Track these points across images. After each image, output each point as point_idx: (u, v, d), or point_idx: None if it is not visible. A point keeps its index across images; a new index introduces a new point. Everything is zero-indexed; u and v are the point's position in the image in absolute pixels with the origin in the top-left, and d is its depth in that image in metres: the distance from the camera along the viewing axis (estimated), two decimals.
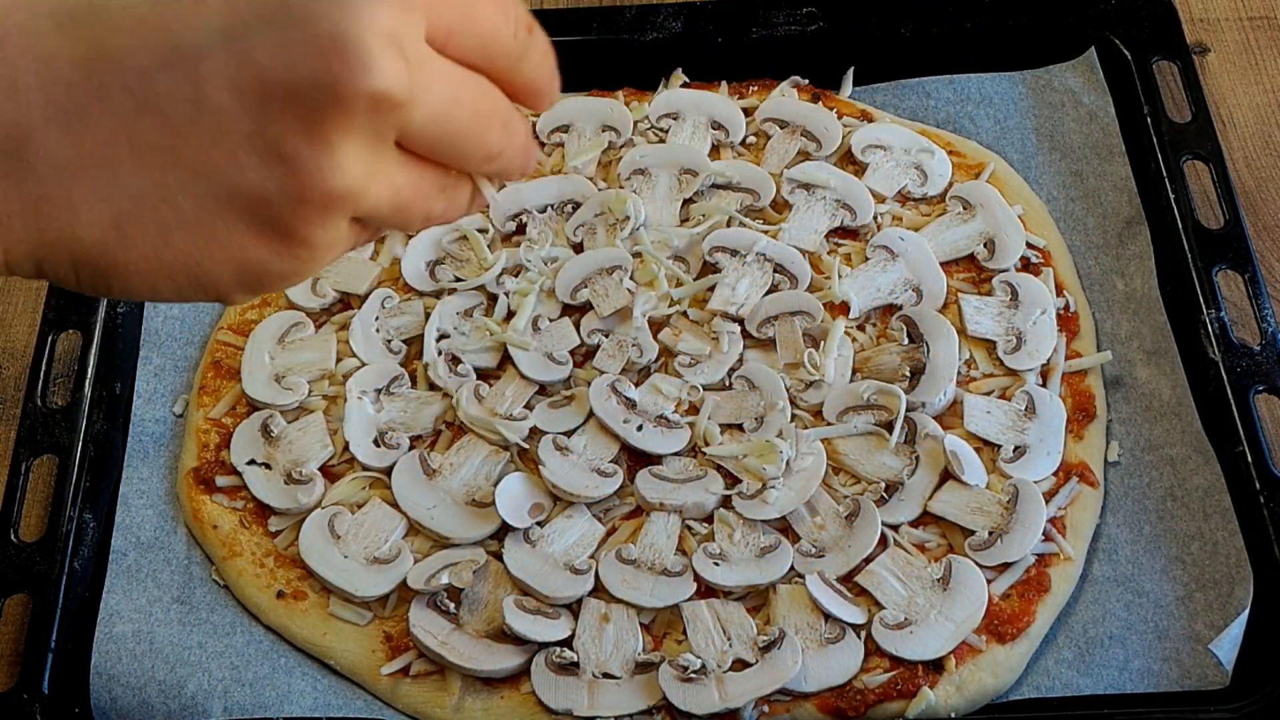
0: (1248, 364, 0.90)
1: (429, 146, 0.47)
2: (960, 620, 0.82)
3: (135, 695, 0.82)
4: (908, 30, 1.10)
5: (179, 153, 0.42)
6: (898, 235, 0.99)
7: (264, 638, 0.86)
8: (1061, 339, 0.94)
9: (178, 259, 0.44)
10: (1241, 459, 0.87)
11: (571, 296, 0.96)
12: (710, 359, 0.93)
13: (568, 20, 1.11)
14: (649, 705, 0.80)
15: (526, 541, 0.86)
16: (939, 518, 0.87)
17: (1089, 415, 0.91)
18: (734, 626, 0.82)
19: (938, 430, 0.89)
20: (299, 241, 0.45)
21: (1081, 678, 0.82)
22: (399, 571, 0.85)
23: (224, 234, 0.44)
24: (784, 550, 0.85)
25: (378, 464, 0.90)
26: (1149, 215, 0.99)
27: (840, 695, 0.80)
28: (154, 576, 0.88)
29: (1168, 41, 1.06)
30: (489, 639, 0.83)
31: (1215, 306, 0.93)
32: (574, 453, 0.89)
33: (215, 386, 0.95)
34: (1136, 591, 0.85)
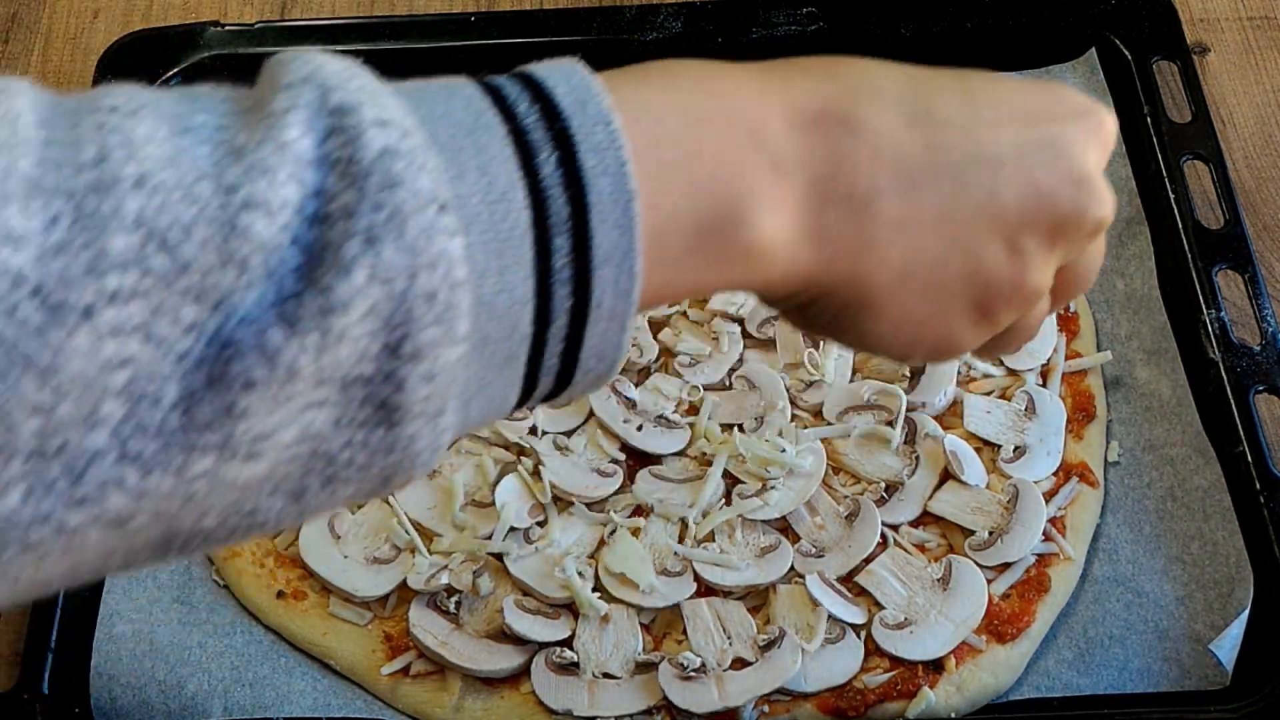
0: (1248, 364, 0.90)
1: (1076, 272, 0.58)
2: (960, 620, 0.82)
3: (135, 695, 0.82)
4: (908, 30, 1.10)
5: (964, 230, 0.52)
6: None
7: (264, 638, 0.86)
8: (1061, 339, 0.94)
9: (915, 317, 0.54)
10: (1241, 459, 0.87)
11: None
12: (710, 359, 0.93)
13: (568, 20, 1.11)
14: (649, 705, 0.80)
15: (527, 541, 0.86)
16: (939, 518, 0.87)
17: (1089, 415, 0.91)
18: (734, 625, 0.83)
19: (938, 430, 0.89)
20: (991, 323, 0.56)
21: (1081, 678, 0.82)
22: (399, 571, 0.85)
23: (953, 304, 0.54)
24: (784, 550, 0.85)
25: None
26: (1149, 215, 0.99)
27: (840, 695, 0.80)
28: (154, 576, 0.88)
29: (1168, 41, 1.06)
30: (489, 639, 0.83)
31: (1215, 306, 0.93)
32: (574, 452, 0.89)
33: None
34: (1136, 591, 0.85)
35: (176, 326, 0.37)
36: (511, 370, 0.45)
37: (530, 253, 0.43)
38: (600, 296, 0.45)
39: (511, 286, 0.43)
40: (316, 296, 0.38)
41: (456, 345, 0.41)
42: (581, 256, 0.44)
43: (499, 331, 0.43)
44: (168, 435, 0.38)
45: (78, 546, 0.39)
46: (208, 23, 1.10)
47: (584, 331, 0.45)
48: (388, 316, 0.39)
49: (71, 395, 0.36)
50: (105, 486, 0.38)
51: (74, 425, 0.37)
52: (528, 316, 0.44)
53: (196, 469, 0.39)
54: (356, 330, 0.39)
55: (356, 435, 0.41)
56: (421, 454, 0.43)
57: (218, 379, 0.38)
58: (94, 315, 0.36)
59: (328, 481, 0.42)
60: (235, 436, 0.39)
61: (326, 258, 0.39)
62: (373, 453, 0.42)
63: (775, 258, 0.49)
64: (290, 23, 1.15)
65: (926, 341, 0.55)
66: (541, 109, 0.44)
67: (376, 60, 0.45)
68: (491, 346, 0.43)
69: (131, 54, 1.08)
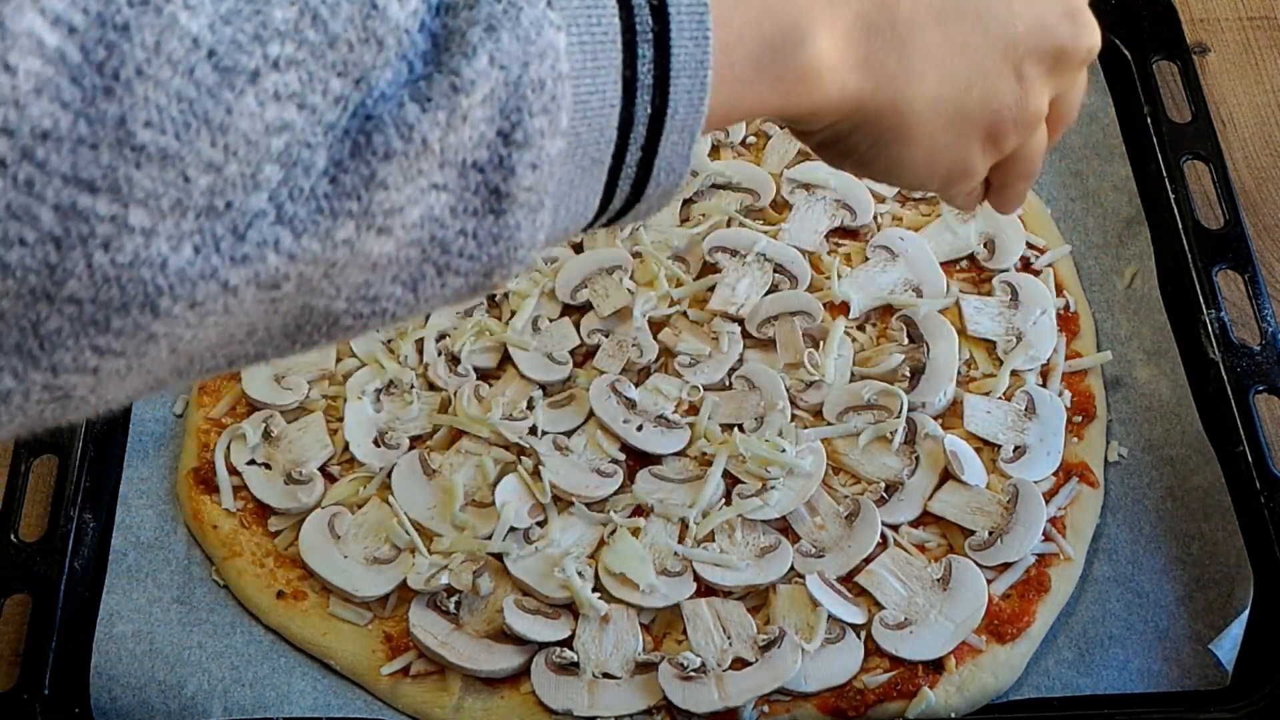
0: (1248, 364, 0.90)
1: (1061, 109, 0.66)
2: (960, 620, 0.82)
3: (135, 695, 0.82)
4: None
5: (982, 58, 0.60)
6: (898, 235, 0.99)
7: (264, 638, 0.86)
8: (1061, 339, 0.94)
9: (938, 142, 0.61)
10: (1241, 459, 0.87)
11: (571, 296, 0.96)
12: (710, 359, 0.93)
13: None
14: (649, 705, 0.80)
15: (527, 541, 0.86)
16: (939, 518, 0.87)
17: (1089, 415, 0.91)
18: (734, 625, 0.83)
19: (938, 430, 0.89)
20: (998, 147, 0.64)
21: (1081, 678, 0.82)
22: (399, 571, 0.85)
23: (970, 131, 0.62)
24: (784, 550, 0.85)
25: (378, 464, 0.90)
26: (1149, 215, 0.99)
27: (840, 695, 0.80)
28: (154, 576, 0.88)
29: (1168, 41, 1.06)
30: (489, 639, 0.83)
31: (1215, 306, 0.93)
32: (574, 452, 0.89)
33: (215, 386, 0.95)
34: (1136, 591, 0.85)
35: (326, 97, 0.42)
36: (596, 175, 0.50)
37: (619, 58, 0.48)
38: (676, 105, 0.49)
39: (603, 89, 0.48)
40: (446, 76, 0.43)
41: (559, 137, 0.45)
42: (662, 65, 0.49)
43: (590, 133, 0.48)
44: (318, 200, 0.42)
45: (234, 309, 0.42)
46: None
47: (659, 141, 0.50)
48: (504, 102, 0.44)
49: (239, 154, 0.40)
50: (263, 246, 0.41)
51: (239, 185, 0.41)
52: (614, 120, 0.48)
53: (340, 235, 0.43)
54: (478, 113, 0.43)
55: (469, 224, 0.46)
56: (521, 246, 0.47)
57: (361, 149, 0.42)
58: (259, 79, 0.40)
59: (441, 271, 0.46)
60: (373, 206, 0.43)
61: (453, 43, 0.43)
62: (481, 242, 0.46)
63: (828, 81, 0.55)
64: None
65: (945, 167, 0.63)
66: None
67: None
68: (583, 148, 0.48)
69: None
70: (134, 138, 0.39)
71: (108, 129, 0.38)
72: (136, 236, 0.39)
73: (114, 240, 0.39)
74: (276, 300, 0.44)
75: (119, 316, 0.40)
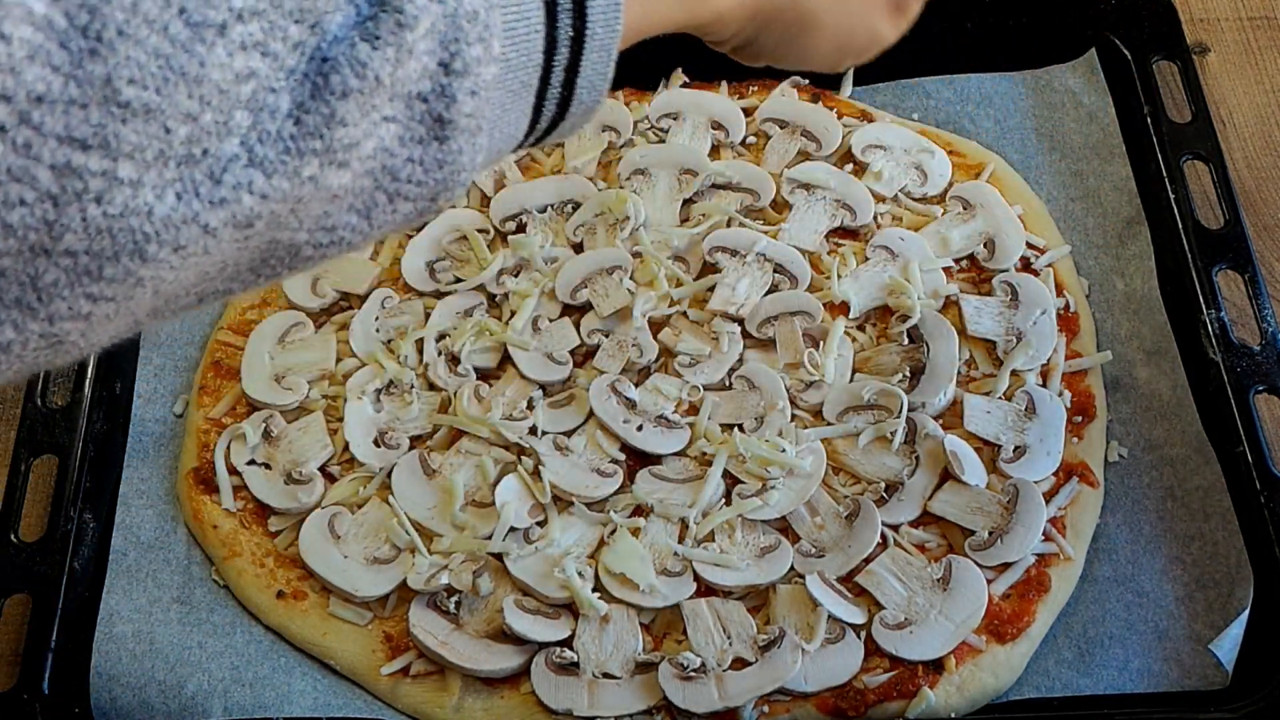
0: (1248, 364, 0.90)
1: None
2: (960, 620, 0.82)
3: (135, 695, 0.82)
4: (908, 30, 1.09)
5: None
6: (898, 235, 0.99)
7: (264, 638, 0.86)
8: (1061, 339, 0.94)
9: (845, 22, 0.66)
10: (1241, 459, 0.87)
11: (571, 296, 0.96)
12: (710, 359, 0.93)
13: None
14: (649, 705, 0.80)
15: (527, 541, 0.86)
16: (939, 518, 0.87)
17: (1089, 415, 0.91)
18: (734, 625, 0.83)
19: (938, 430, 0.89)
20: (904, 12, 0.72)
21: (1081, 678, 0.82)
22: (399, 571, 0.85)
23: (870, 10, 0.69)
24: (784, 550, 0.85)
25: (378, 464, 0.90)
26: (1149, 215, 0.99)
27: (840, 695, 0.80)
28: (154, 576, 0.88)
29: (1168, 41, 1.06)
30: (489, 639, 0.83)
31: (1215, 306, 0.93)
32: (574, 453, 0.89)
33: (215, 386, 0.95)
34: (1136, 591, 0.85)
35: (286, 44, 0.45)
36: (525, 98, 0.53)
37: None
38: (594, 27, 0.53)
39: (528, 14, 0.51)
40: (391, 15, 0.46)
41: (493, 64, 0.49)
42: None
43: (519, 57, 0.51)
44: (285, 141, 0.45)
45: (212, 250, 0.46)
46: None
47: (580, 61, 0.54)
48: (443, 34, 0.47)
49: (212, 104, 0.43)
50: (238, 189, 0.45)
51: (214, 133, 0.44)
52: (540, 44, 0.52)
53: (306, 172, 0.46)
54: (421, 46, 0.47)
55: (415, 151, 0.49)
56: (464, 170, 0.51)
57: (320, 90, 0.46)
58: (227, 31, 0.44)
59: (392, 197, 0.50)
60: (334, 142, 0.46)
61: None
62: (427, 168, 0.50)
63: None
64: None
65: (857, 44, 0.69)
66: None
67: None
68: (513, 73, 0.51)
69: None
70: (119, 95, 0.41)
71: (95, 88, 0.41)
72: (125, 188, 0.42)
73: (106, 193, 0.42)
74: (249, 237, 0.47)
75: (111, 264, 0.43)
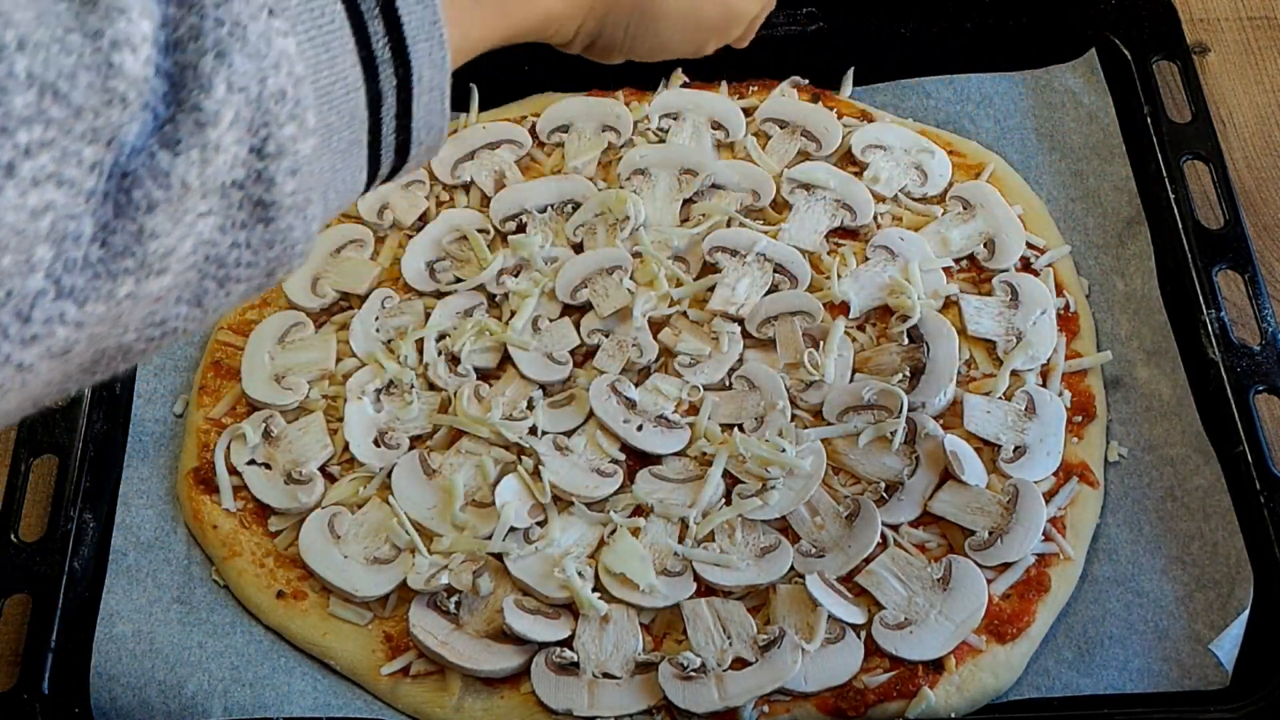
0: (1248, 364, 0.90)
1: None
2: (960, 620, 0.82)
3: (135, 695, 0.82)
4: (908, 30, 1.10)
5: None
6: (898, 235, 0.99)
7: (264, 638, 0.86)
8: (1061, 339, 0.94)
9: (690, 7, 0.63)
10: (1241, 459, 0.87)
11: (571, 296, 0.96)
12: (710, 359, 0.93)
13: None
14: (649, 705, 0.80)
15: (527, 541, 0.86)
16: (939, 518, 0.87)
17: (1089, 415, 0.91)
18: (734, 625, 0.82)
19: (938, 430, 0.89)
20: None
21: (1081, 678, 0.82)
22: (399, 571, 0.85)
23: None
24: (784, 550, 0.85)
25: (378, 464, 0.90)
26: (1149, 215, 0.99)
27: (840, 695, 0.80)
28: (154, 576, 0.88)
29: (1168, 41, 1.06)
30: (489, 639, 0.83)
31: (1215, 306, 0.93)
32: (574, 453, 0.89)
33: (215, 386, 0.95)
34: (1136, 591, 0.85)
35: (82, 167, 0.42)
36: (357, 154, 0.51)
37: (351, 40, 0.48)
38: (419, 70, 0.51)
39: (343, 74, 0.48)
40: (189, 115, 0.43)
41: (310, 137, 0.47)
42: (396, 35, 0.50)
43: (340, 119, 0.49)
44: (93, 266, 0.43)
45: (30, 381, 0.44)
46: None
47: (411, 105, 0.52)
48: (250, 120, 0.44)
49: (10, 245, 0.41)
50: (50, 323, 0.43)
51: (16, 273, 0.42)
52: (362, 101, 0.50)
53: (122, 292, 0.44)
54: (228, 138, 0.44)
55: (240, 236, 0.47)
56: (298, 244, 0.49)
57: (124, 207, 0.43)
58: (15, 170, 0.41)
59: (222, 283, 0.48)
60: (148, 257, 0.44)
61: (188, 79, 0.43)
62: (256, 250, 0.47)
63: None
64: None
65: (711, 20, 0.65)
66: None
67: None
68: (337, 135, 0.49)
69: None
70: None
71: None
72: None
73: None
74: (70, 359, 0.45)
75: None
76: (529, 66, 1.09)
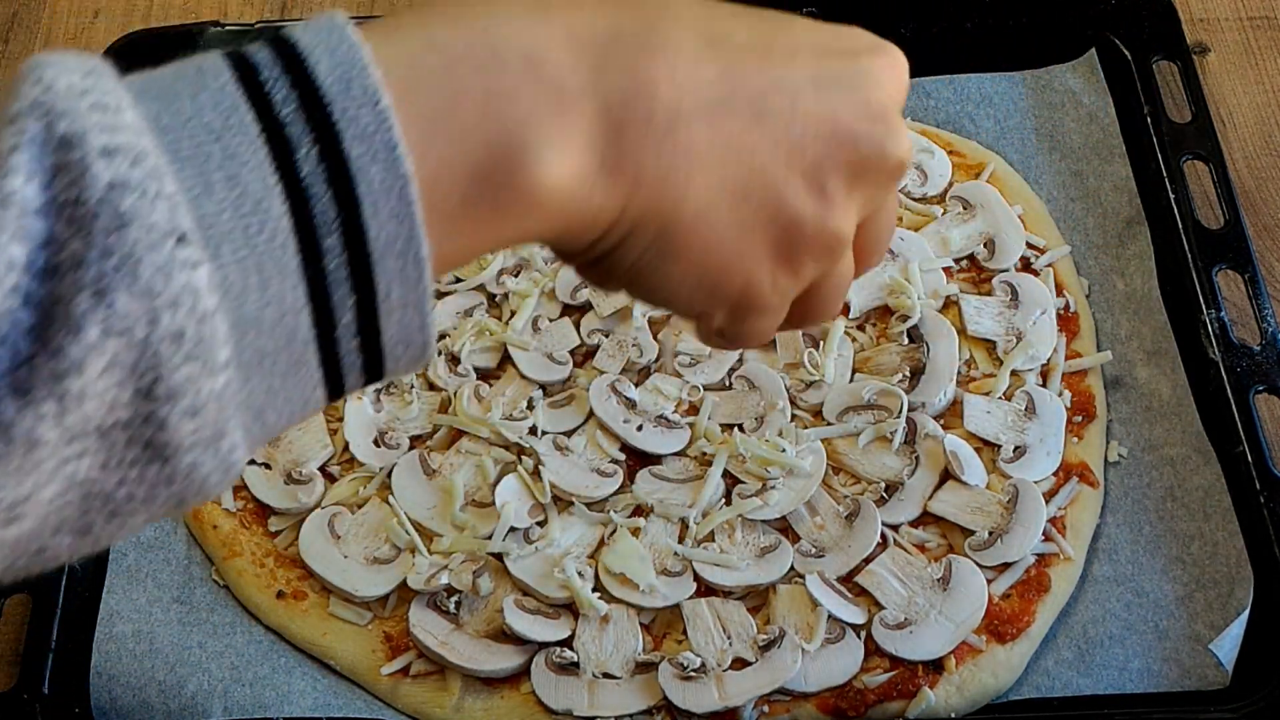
0: (1248, 364, 0.90)
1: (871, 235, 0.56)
2: (960, 620, 0.82)
3: (135, 695, 0.82)
4: (908, 30, 1.10)
5: (765, 163, 0.50)
6: (898, 235, 0.99)
7: (264, 638, 0.86)
8: (1061, 339, 0.94)
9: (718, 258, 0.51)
10: (1241, 459, 0.87)
11: (571, 296, 0.96)
12: (710, 359, 0.93)
13: None
14: (649, 705, 0.80)
15: (527, 541, 0.86)
16: (939, 518, 0.87)
17: (1089, 415, 0.91)
18: (734, 625, 0.83)
19: (938, 430, 0.89)
20: (793, 271, 0.53)
21: (1081, 678, 0.82)
22: (399, 571, 0.85)
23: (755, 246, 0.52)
24: (784, 550, 0.85)
25: (378, 464, 0.90)
26: (1149, 215, 0.99)
27: (840, 695, 0.80)
28: (154, 576, 0.88)
29: (1168, 41, 1.06)
30: (489, 639, 0.83)
31: (1215, 306, 0.93)
32: (574, 453, 0.89)
33: None
34: (1136, 591, 0.85)
35: None
36: (303, 374, 0.43)
37: (296, 259, 0.40)
38: (387, 287, 0.42)
39: (279, 297, 0.40)
40: (49, 360, 0.36)
41: (218, 374, 0.39)
42: (358, 252, 0.41)
43: (274, 344, 0.41)
44: None
45: None
46: (208, 23, 1.11)
47: (378, 324, 0.43)
48: (132, 365, 0.37)
49: None
50: None
51: None
52: (305, 321, 0.41)
53: None
54: (98, 386, 0.37)
55: (130, 473, 0.39)
56: (210, 477, 0.41)
57: None
58: None
59: (112, 515, 0.40)
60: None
61: (58, 315, 0.36)
62: (152, 485, 0.40)
63: (568, 197, 0.46)
64: (290, 23, 1.14)
65: (728, 288, 0.52)
66: (301, 95, 0.41)
67: None
68: (270, 359, 0.41)
69: (131, 54, 1.08)
70: None
71: None
72: None
73: None
74: None
75: None
76: None
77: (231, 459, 0.41)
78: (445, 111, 0.43)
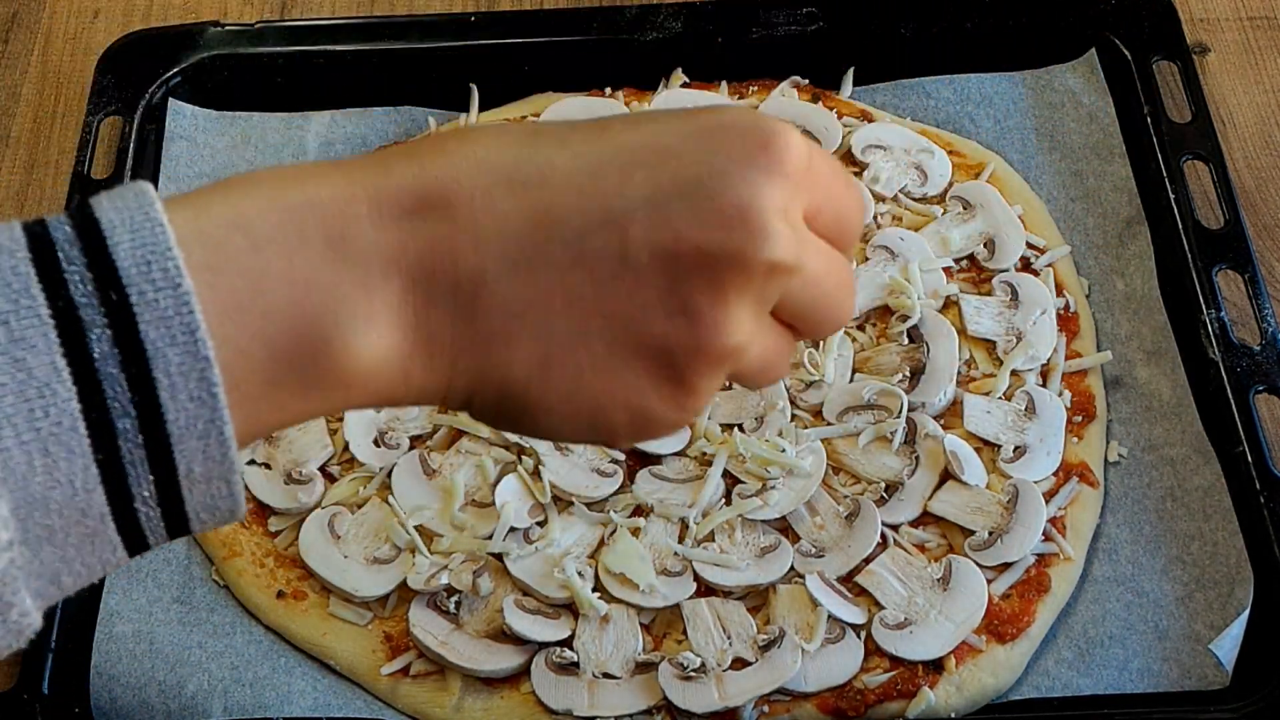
0: (1248, 364, 0.90)
1: (797, 313, 0.52)
2: (960, 620, 0.82)
3: (135, 695, 0.82)
4: (908, 30, 1.10)
5: (602, 302, 0.47)
6: (897, 235, 0.99)
7: (264, 638, 0.86)
8: (1061, 339, 0.94)
9: (585, 401, 0.49)
10: (1241, 459, 0.87)
11: None
12: None
13: (567, 20, 1.11)
14: (649, 705, 0.80)
15: (527, 541, 0.86)
16: (939, 518, 0.87)
17: (1089, 415, 0.91)
18: (734, 625, 0.83)
19: (938, 430, 0.89)
20: (688, 390, 0.50)
21: (1081, 678, 0.82)
22: (399, 571, 0.85)
23: (627, 379, 0.49)
24: (784, 550, 0.85)
25: (378, 464, 0.90)
26: (1149, 215, 0.99)
27: (840, 695, 0.80)
28: (154, 576, 0.88)
29: (1168, 41, 1.06)
30: (489, 639, 0.83)
31: (1215, 306, 0.93)
32: (574, 452, 0.89)
33: None
34: (1136, 591, 0.85)
35: None
36: (101, 541, 0.43)
37: (86, 442, 0.40)
38: (188, 466, 0.42)
39: (69, 479, 0.41)
40: None
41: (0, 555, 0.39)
42: (155, 434, 0.41)
43: (63, 521, 0.41)
44: None
45: None
46: (208, 23, 1.11)
47: (180, 495, 0.43)
48: None
49: None
50: None
51: None
52: (99, 500, 0.41)
53: None
54: None
55: None
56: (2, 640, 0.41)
57: None
58: None
59: None
60: None
61: None
62: None
63: (381, 375, 0.46)
64: (290, 23, 1.14)
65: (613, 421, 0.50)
66: (97, 277, 0.41)
67: (377, 60, 0.44)
68: (61, 534, 0.41)
69: (131, 54, 1.08)
70: None
71: None
72: None
73: None
74: None
75: None
76: (529, 67, 1.09)
77: (23, 624, 0.41)
78: (251, 293, 0.43)
